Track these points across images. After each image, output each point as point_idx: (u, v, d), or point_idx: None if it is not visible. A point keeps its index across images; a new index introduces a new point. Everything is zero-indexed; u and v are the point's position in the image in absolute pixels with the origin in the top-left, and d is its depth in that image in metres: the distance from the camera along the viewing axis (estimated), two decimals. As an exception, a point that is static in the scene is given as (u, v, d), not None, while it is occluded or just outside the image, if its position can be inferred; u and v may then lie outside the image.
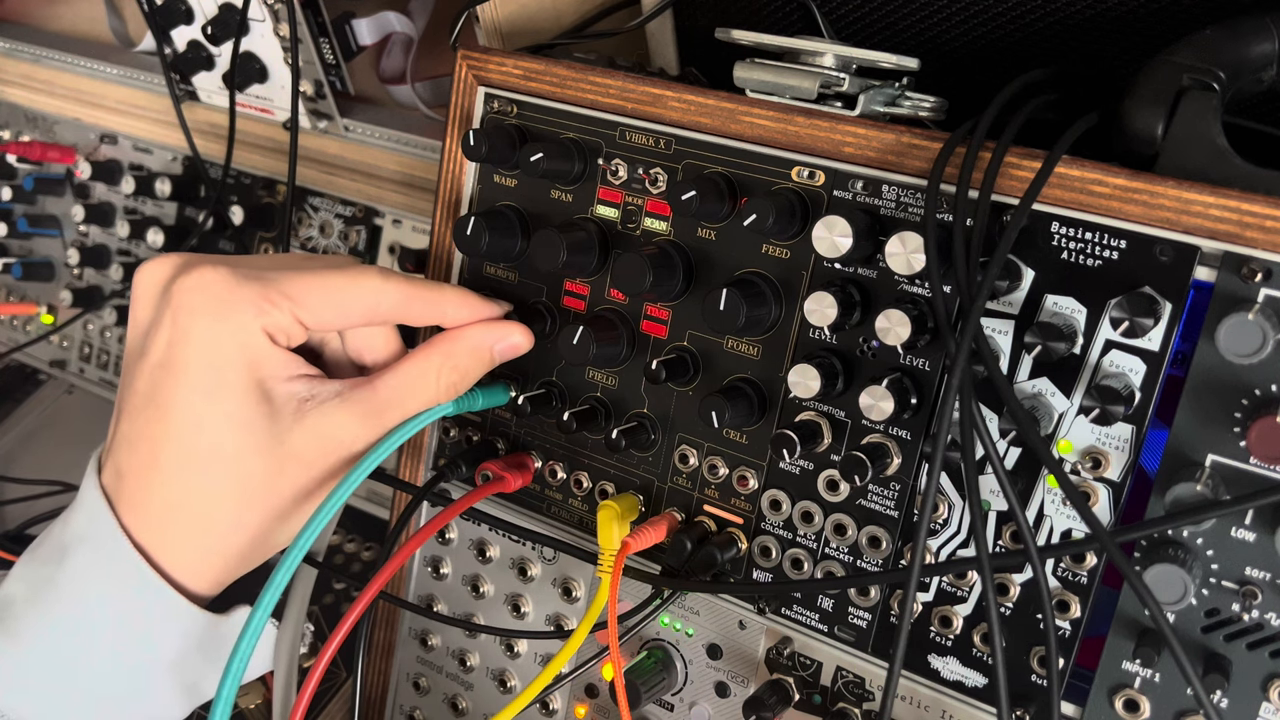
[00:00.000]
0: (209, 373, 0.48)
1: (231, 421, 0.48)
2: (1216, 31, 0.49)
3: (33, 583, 0.49)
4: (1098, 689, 0.51)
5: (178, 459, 0.48)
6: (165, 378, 0.48)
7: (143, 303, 0.51)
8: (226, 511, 0.49)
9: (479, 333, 0.56)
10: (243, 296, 0.49)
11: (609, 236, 0.60)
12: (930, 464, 0.47)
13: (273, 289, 0.49)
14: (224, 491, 0.49)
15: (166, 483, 0.49)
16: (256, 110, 0.94)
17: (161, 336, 0.49)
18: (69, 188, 1.07)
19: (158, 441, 0.49)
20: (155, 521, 0.49)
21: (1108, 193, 0.47)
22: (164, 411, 0.48)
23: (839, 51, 0.55)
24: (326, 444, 0.50)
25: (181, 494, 0.49)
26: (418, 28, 0.93)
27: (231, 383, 0.48)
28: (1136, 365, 0.48)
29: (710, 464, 0.58)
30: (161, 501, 0.49)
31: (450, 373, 0.55)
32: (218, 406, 0.48)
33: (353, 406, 0.51)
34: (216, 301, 0.48)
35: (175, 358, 0.48)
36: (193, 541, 0.50)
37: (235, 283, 0.49)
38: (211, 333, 0.48)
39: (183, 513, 0.49)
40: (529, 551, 0.67)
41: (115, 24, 1.10)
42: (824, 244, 0.51)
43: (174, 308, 0.49)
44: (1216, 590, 0.48)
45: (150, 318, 0.50)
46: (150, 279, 0.51)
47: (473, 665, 0.70)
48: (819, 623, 0.57)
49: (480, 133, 0.60)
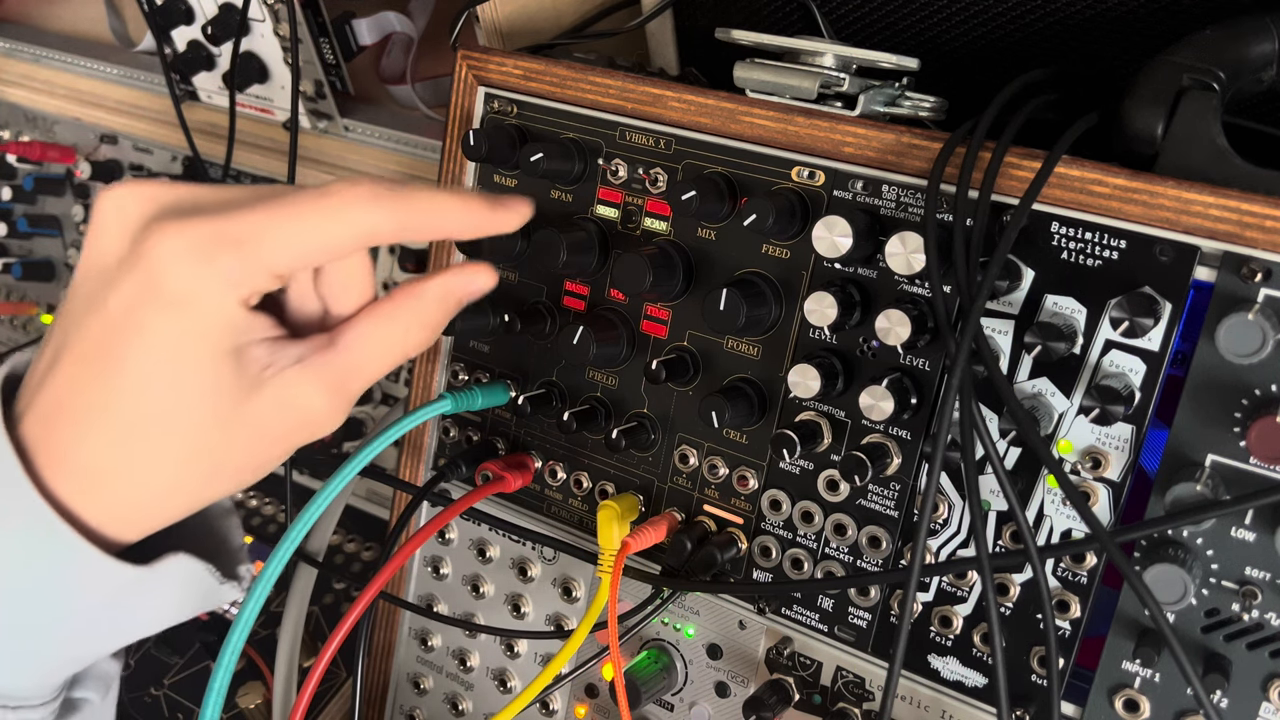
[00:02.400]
0: (174, 341, 0.44)
1: (190, 391, 0.45)
2: (1216, 31, 0.49)
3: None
4: (1098, 689, 0.51)
5: (125, 422, 0.45)
6: (124, 338, 0.45)
7: (108, 235, 0.46)
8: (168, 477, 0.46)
9: (443, 283, 0.51)
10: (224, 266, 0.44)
11: (609, 236, 0.60)
12: (930, 464, 0.47)
13: (251, 253, 0.45)
14: (170, 459, 0.46)
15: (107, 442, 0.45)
16: (256, 110, 0.94)
17: (125, 291, 0.45)
18: (69, 188, 1.07)
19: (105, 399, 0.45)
20: (83, 473, 0.45)
21: (1108, 193, 0.47)
22: (117, 371, 0.45)
23: (839, 51, 0.55)
24: (285, 414, 0.47)
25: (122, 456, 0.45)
26: (418, 28, 0.93)
27: (197, 353, 0.45)
28: (1136, 365, 0.48)
29: (710, 464, 0.58)
30: (94, 458, 0.45)
31: (419, 331, 0.50)
32: (177, 375, 0.45)
33: (314, 374, 0.48)
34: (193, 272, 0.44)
35: (139, 321, 0.44)
36: (123, 498, 0.46)
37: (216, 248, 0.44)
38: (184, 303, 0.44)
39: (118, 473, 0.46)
40: (529, 551, 0.67)
41: (115, 24, 1.10)
42: (824, 244, 0.51)
43: (145, 267, 0.44)
44: (1216, 590, 0.48)
45: (113, 258, 0.45)
46: (120, 211, 0.46)
47: (473, 665, 0.70)
48: (819, 623, 0.57)
49: (480, 133, 0.60)
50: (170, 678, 0.80)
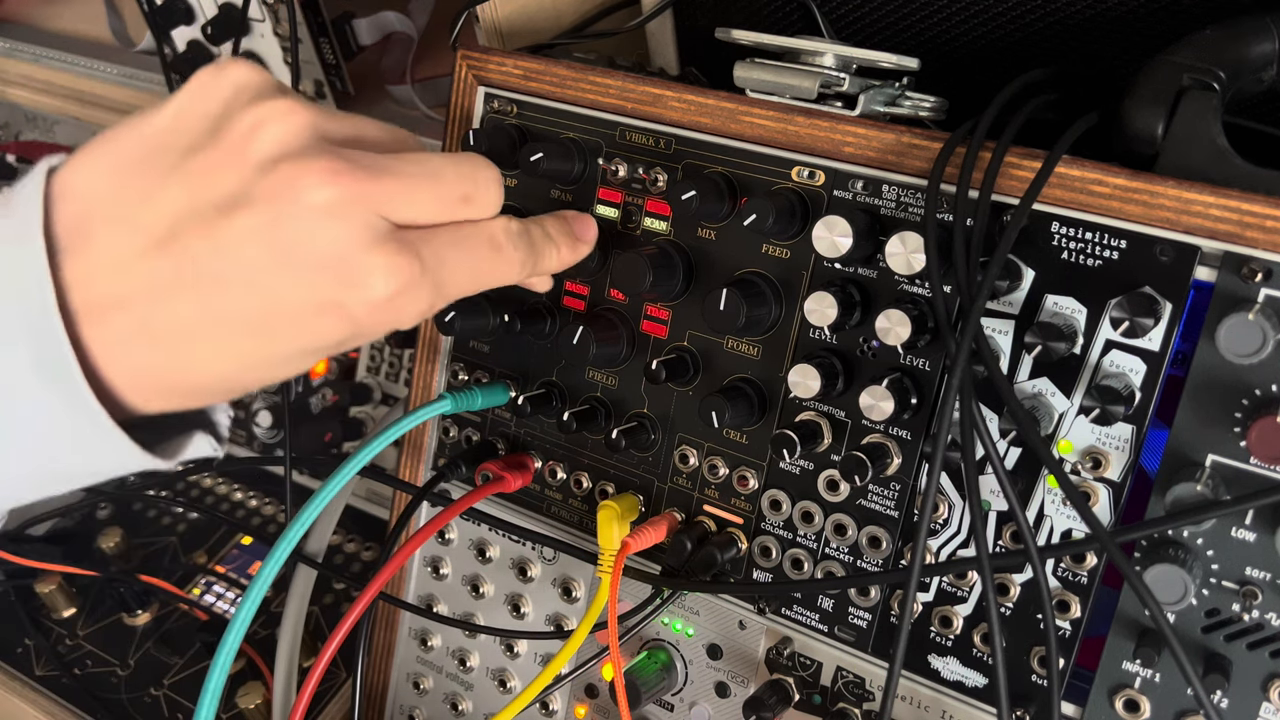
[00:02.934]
0: (276, 263, 0.41)
1: (269, 297, 0.42)
2: (1216, 31, 0.49)
3: None
4: (1098, 689, 0.51)
5: (200, 290, 0.41)
6: (227, 222, 0.41)
7: (217, 104, 0.43)
8: (234, 346, 0.43)
9: (562, 215, 0.53)
10: (367, 197, 0.42)
11: (609, 236, 0.60)
12: (930, 464, 0.47)
13: (393, 197, 0.43)
14: (241, 323, 0.42)
15: (180, 307, 0.41)
16: (256, 110, 0.93)
17: (233, 179, 0.41)
18: (69, 188, 1.07)
19: (182, 262, 0.41)
20: (132, 336, 0.42)
21: (1108, 193, 0.47)
22: (226, 282, 0.41)
23: (839, 51, 0.55)
24: (391, 312, 0.44)
25: (191, 323, 0.41)
26: (418, 28, 0.93)
27: (290, 276, 0.42)
28: (1137, 365, 0.48)
29: (710, 464, 0.58)
30: (156, 323, 0.41)
31: (545, 243, 0.51)
32: (262, 281, 0.41)
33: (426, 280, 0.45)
34: (340, 197, 0.41)
35: (249, 221, 0.41)
36: (169, 368, 0.43)
37: (366, 178, 0.42)
38: (306, 241, 0.41)
39: (177, 339, 0.42)
40: (529, 551, 0.67)
41: (115, 24, 1.10)
42: (824, 244, 0.51)
43: (279, 187, 0.41)
44: (1217, 590, 0.48)
45: (220, 128, 0.42)
46: (244, 91, 0.43)
47: (473, 665, 0.70)
48: (819, 623, 0.57)
49: (480, 132, 0.60)
50: (170, 678, 0.80)
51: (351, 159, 0.43)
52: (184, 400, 0.45)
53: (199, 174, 0.42)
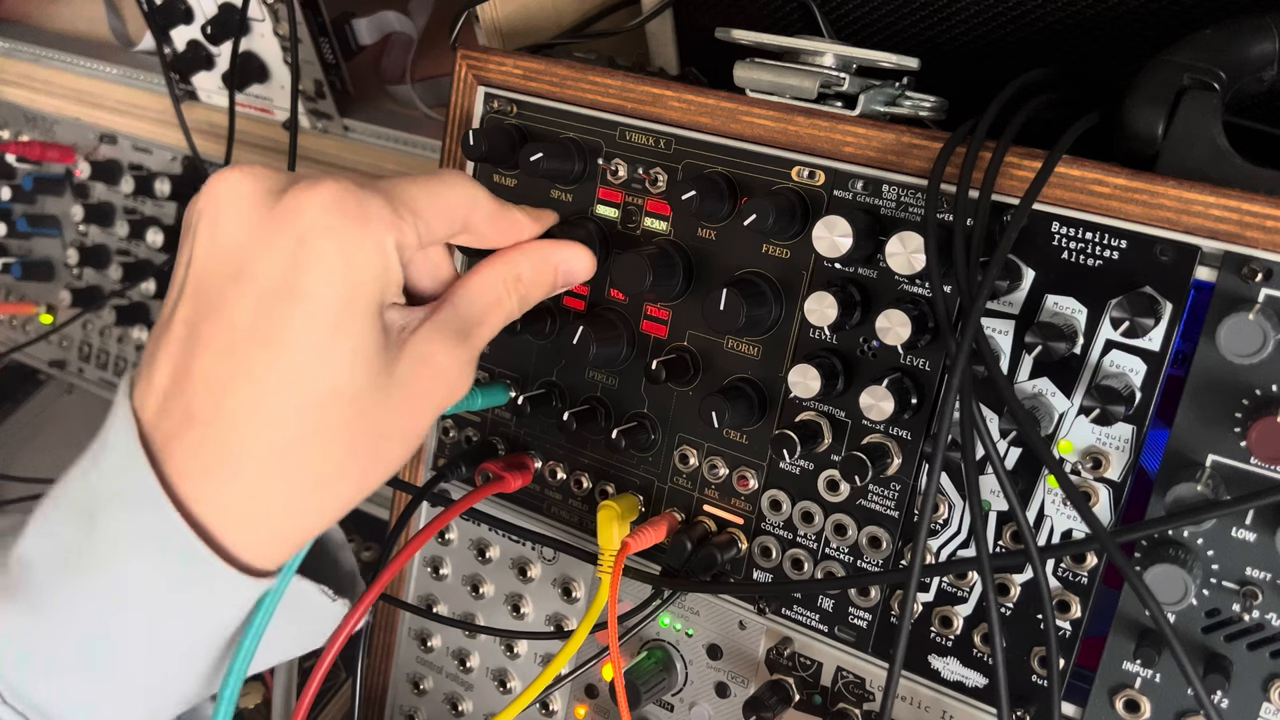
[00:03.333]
0: (341, 300, 0.42)
1: (355, 355, 0.43)
2: (1217, 31, 0.49)
3: (57, 546, 0.43)
4: (1098, 689, 0.51)
5: (292, 402, 0.42)
6: (285, 307, 0.41)
7: (232, 219, 0.43)
8: (331, 459, 0.43)
9: (543, 248, 0.52)
10: (377, 213, 0.43)
11: (609, 236, 0.60)
12: (930, 464, 0.47)
13: (398, 203, 0.44)
14: (336, 437, 0.43)
15: (268, 431, 0.42)
16: (256, 110, 0.94)
17: (277, 259, 0.42)
18: (68, 187, 1.07)
19: (267, 382, 0.41)
20: (229, 481, 0.42)
21: (1108, 193, 0.47)
22: (281, 347, 0.41)
23: (839, 51, 0.55)
24: (426, 371, 0.46)
25: (286, 443, 0.42)
26: (418, 27, 0.93)
27: (361, 311, 0.43)
28: (1137, 365, 0.48)
29: (710, 464, 0.58)
30: (250, 456, 0.42)
31: (516, 285, 0.51)
32: (344, 339, 0.42)
33: (442, 329, 0.47)
34: (351, 219, 0.42)
35: (301, 284, 0.41)
36: (275, 503, 0.43)
37: (366, 196, 0.43)
38: (348, 255, 0.42)
39: (275, 466, 0.42)
40: (529, 552, 0.67)
41: (115, 24, 1.10)
42: (824, 244, 0.51)
43: (299, 226, 0.42)
44: (1217, 590, 0.48)
45: (247, 236, 0.42)
46: (242, 192, 0.43)
47: (473, 666, 0.70)
48: (819, 623, 0.57)
49: (480, 132, 0.60)
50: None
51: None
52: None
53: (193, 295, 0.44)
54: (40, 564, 0.43)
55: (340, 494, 0.45)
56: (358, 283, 0.43)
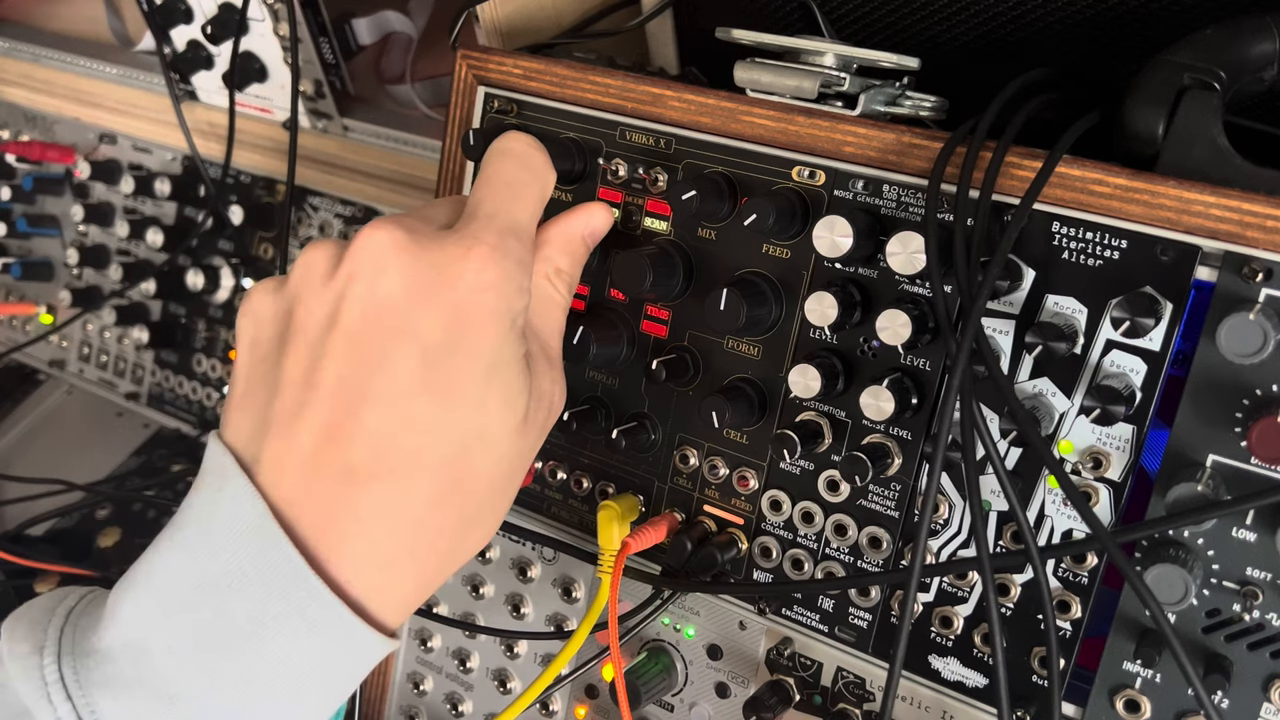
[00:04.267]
0: (498, 348, 0.44)
1: (508, 396, 0.45)
2: (1217, 31, 0.49)
3: (183, 631, 0.41)
4: (1098, 689, 0.51)
5: (454, 448, 0.43)
6: (452, 359, 0.43)
7: (392, 274, 0.43)
8: (480, 503, 0.45)
9: (562, 227, 0.53)
10: (521, 262, 0.46)
11: (609, 236, 0.60)
12: (931, 464, 0.47)
13: (528, 240, 0.48)
14: (485, 478, 0.44)
15: (430, 477, 0.43)
16: (256, 110, 0.94)
17: (442, 314, 0.43)
18: (68, 187, 1.07)
19: (433, 430, 0.42)
20: (388, 540, 0.42)
21: (1108, 193, 0.47)
22: (451, 396, 0.43)
23: (839, 51, 0.55)
24: (543, 399, 0.48)
25: (444, 490, 0.43)
26: (417, 27, 0.93)
27: (511, 355, 0.45)
28: (1137, 365, 0.48)
29: (710, 464, 0.58)
30: (415, 505, 0.43)
31: (558, 277, 0.52)
32: (499, 383, 0.44)
33: (539, 357, 0.49)
34: (505, 272, 0.45)
35: (466, 336, 0.43)
36: (424, 559, 0.44)
37: (511, 246, 0.46)
38: (504, 307, 0.44)
39: (435, 515, 0.43)
40: (529, 552, 0.67)
41: (115, 24, 1.10)
42: (824, 244, 0.51)
43: (461, 281, 0.43)
44: (1217, 590, 0.48)
45: (408, 293, 0.43)
46: (396, 246, 0.43)
47: (473, 666, 0.70)
48: (819, 623, 0.57)
49: (480, 132, 0.60)
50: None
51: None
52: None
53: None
54: (162, 650, 0.41)
55: (475, 538, 0.46)
56: (513, 335, 0.45)
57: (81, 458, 1.05)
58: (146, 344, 1.00)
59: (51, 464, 1.06)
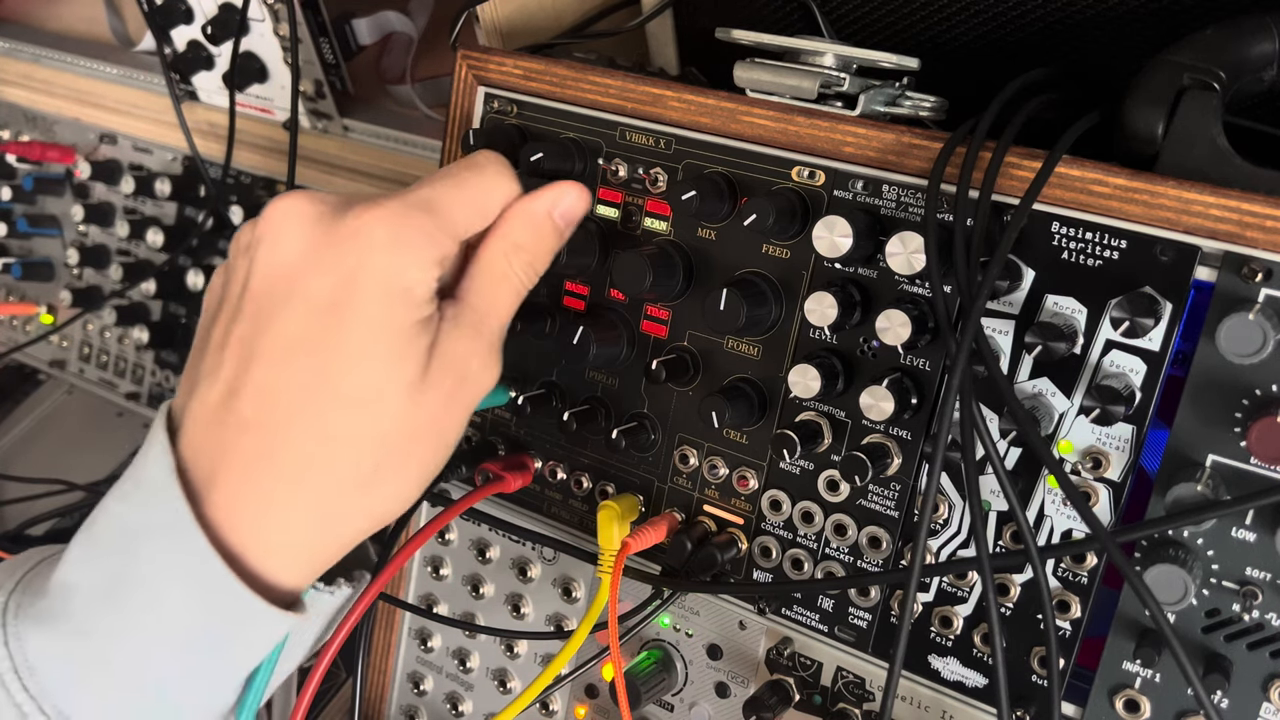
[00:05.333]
0: (384, 310, 0.45)
1: (397, 363, 0.45)
2: (1217, 31, 0.49)
3: (98, 573, 0.45)
4: (1098, 689, 0.51)
5: (332, 401, 0.45)
6: (334, 317, 0.45)
7: (292, 240, 0.46)
8: (365, 462, 0.46)
9: (526, 202, 0.52)
10: (422, 229, 0.46)
11: (609, 236, 0.60)
12: (930, 464, 0.47)
13: (440, 216, 0.47)
14: (368, 437, 0.45)
15: (309, 432, 0.45)
16: (256, 110, 0.94)
17: (327, 276, 0.45)
18: (69, 188, 1.07)
19: (311, 387, 0.44)
20: (269, 491, 0.45)
21: (1108, 193, 0.47)
22: (329, 354, 0.45)
23: (839, 51, 0.55)
24: (451, 371, 0.48)
25: (322, 444, 0.45)
26: (418, 27, 0.93)
27: (402, 319, 0.46)
28: (1137, 365, 0.48)
29: (710, 464, 0.58)
30: (293, 460, 0.45)
31: (517, 253, 0.51)
32: (384, 344, 0.45)
33: (460, 325, 0.48)
34: (400, 237, 0.46)
35: (351, 297, 0.45)
36: (312, 511, 0.45)
37: (409, 214, 0.46)
38: (394, 270, 0.45)
39: (316, 468, 0.45)
40: (529, 552, 0.67)
41: (115, 24, 1.10)
42: (824, 244, 0.51)
43: (349, 245, 0.45)
44: (1217, 590, 0.48)
45: (303, 256, 0.46)
46: (300, 214, 0.46)
47: (473, 665, 0.70)
48: (819, 623, 0.57)
49: (480, 132, 0.60)
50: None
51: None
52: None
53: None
54: (83, 591, 0.44)
55: (376, 498, 0.47)
56: (404, 299, 0.45)
57: (82, 458, 1.05)
58: (147, 344, 1.00)
59: (52, 464, 1.06)
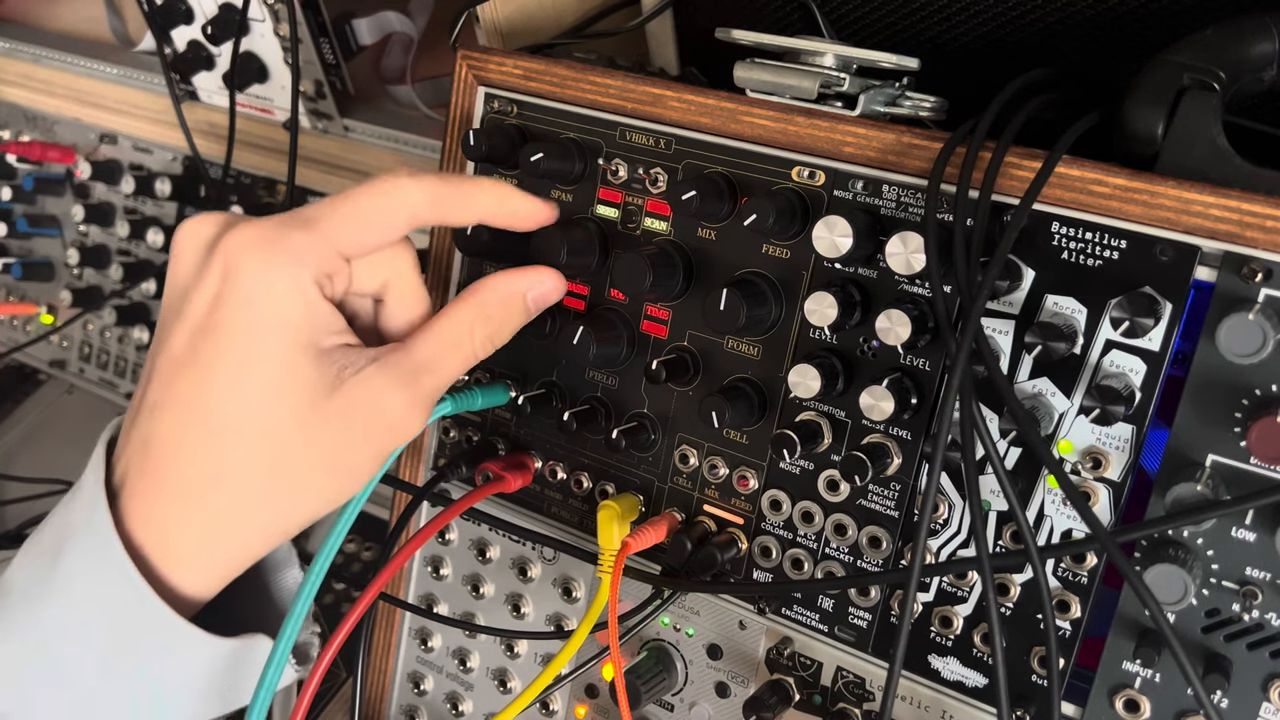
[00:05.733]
0: (255, 333, 0.45)
1: (275, 388, 0.46)
2: (1217, 31, 0.49)
3: (30, 574, 0.47)
4: (1098, 689, 0.51)
5: (209, 426, 0.45)
6: (206, 339, 0.46)
7: (184, 260, 0.48)
8: (252, 485, 0.46)
9: (508, 279, 0.53)
10: (292, 247, 0.46)
11: (609, 236, 0.60)
12: (930, 464, 0.47)
13: (316, 231, 0.47)
14: (252, 462, 0.46)
15: (193, 453, 0.46)
16: (256, 110, 0.94)
17: (204, 295, 0.46)
18: (69, 188, 1.07)
19: (189, 408, 0.46)
20: (169, 503, 0.46)
21: (1108, 193, 0.47)
22: (202, 375, 0.45)
23: (839, 51, 0.55)
24: (362, 412, 0.47)
25: (206, 466, 0.46)
26: (418, 27, 0.93)
27: (277, 344, 0.46)
28: (1137, 365, 0.48)
29: (710, 464, 0.58)
30: (182, 474, 0.46)
31: (484, 324, 0.51)
32: (259, 371, 0.45)
33: (389, 371, 0.48)
34: (266, 256, 0.45)
35: (220, 319, 0.45)
36: (206, 525, 0.46)
37: (283, 232, 0.46)
38: (261, 289, 0.45)
39: (202, 488, 0.46)
40: (529, 551, 0.67)
41: (115, 24, 1.10)
42: (824, 244, 0.51)
43: (221, 265, 0.46)
44: (1217, 590, 0.48)
45: (191, 276, 0.47)
46: (194, 235, 0.47)
47: (472, 665, 0.70)
48: (819, 623, 0.57)
49: (480, 132, 0.60)
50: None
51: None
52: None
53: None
54: (17, 590, 0.46)
55: (265, 521, 0.48)
56: (275, 319, 0.46)
57: (82, 458, 1.05)
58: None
59: (52, 464, 1.06)
